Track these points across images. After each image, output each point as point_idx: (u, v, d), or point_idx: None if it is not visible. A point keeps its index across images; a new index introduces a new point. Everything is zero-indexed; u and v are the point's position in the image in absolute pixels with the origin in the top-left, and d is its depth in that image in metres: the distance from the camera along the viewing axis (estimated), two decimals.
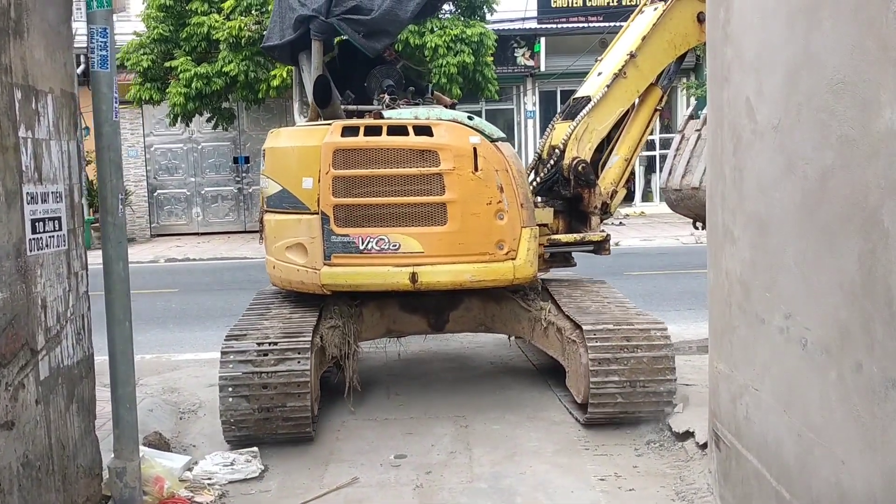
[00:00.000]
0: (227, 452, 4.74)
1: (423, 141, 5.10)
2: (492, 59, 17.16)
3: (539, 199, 6.14)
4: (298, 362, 4.79)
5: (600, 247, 6.07)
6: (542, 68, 20.47)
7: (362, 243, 5.11)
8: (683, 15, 6.31)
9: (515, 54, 20.64)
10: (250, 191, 20.51)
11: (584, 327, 5.01)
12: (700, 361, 6.39)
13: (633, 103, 6.43)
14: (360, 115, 5.55)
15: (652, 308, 9.00)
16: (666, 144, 22.68)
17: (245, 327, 5.20)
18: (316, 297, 5.51)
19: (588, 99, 6.24)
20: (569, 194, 6.11)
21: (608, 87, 6.16)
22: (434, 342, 7.25)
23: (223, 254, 16.46)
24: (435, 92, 6.80)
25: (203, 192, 20.77)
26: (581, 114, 6.13)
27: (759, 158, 3.15)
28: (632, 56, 6.20)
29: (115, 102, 3.76)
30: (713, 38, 3.71)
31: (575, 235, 6.07)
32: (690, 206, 6.10)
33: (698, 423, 4.68)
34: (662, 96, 6.57)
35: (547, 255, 6.07)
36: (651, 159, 22.83)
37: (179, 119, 17.25)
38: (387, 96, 5.63)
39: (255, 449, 4.76)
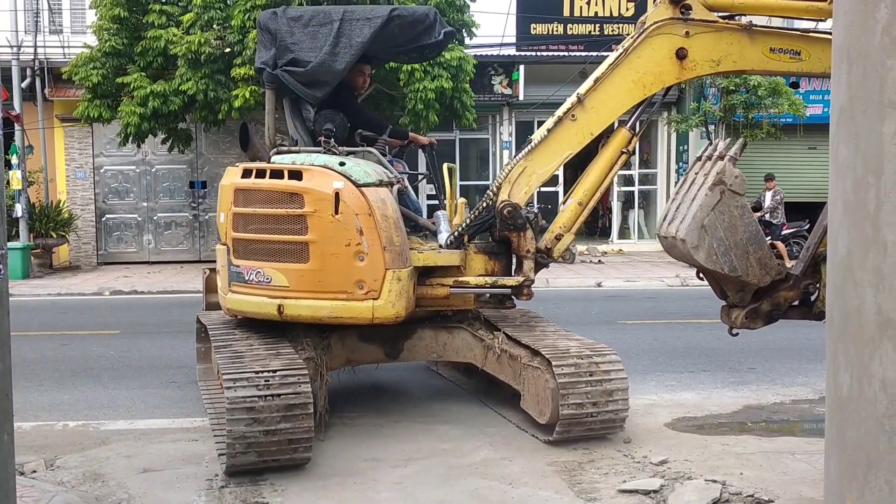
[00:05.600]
0: None
1: (292, 184, 5.52)
2: (469, 85, 16.19)
3: (468, 239, 5.98)
4: (300, 385, 4.92)
5: (518, 291, 5.90)
6: (521, 97, 19.51)
7: (247, 274, 5.65)
8: (658, 52, 5.67)
9: (492, 82, 19.66)
10: (206, 217, 19.18)
11: (543, 352, 5.41)
12: (757, 461, 5.29)
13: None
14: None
15: (663, 368, 7.98)
16: (645, 180, 21.95)
17: (236, 361, 5.24)
18: (275, 327, 5.77)
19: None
20: (497, 236, 5.91)
21: (549, 130, 5.82)
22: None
23: (174, 286, 15.08)
24: (410, 133, 7.04)
25: (156, 217, 19.36)
26: (518, 156, 5.92)
27: None
28: (579, 99, 5.74)
29: None
30: (860, 49, 2.64)
31: (486, 279, 5.90)
32: (678, 255, 5.30)
33: None
34: (631, 139, 5.95)
35: (486, 295, 5.99)
36: (629, 195, 21.96)
37: (131, 139, 15.88)
38: (322, 139, 5.86)
39: None
